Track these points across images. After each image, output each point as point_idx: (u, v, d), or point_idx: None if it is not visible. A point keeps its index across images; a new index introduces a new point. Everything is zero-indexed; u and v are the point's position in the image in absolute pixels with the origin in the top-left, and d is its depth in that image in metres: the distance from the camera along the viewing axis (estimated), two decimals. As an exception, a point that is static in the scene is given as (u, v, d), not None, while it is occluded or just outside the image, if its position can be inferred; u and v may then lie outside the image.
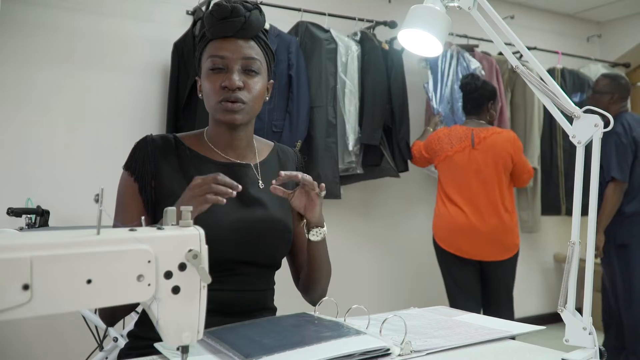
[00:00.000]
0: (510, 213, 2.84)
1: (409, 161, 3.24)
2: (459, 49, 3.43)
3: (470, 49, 3.57)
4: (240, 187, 1.01)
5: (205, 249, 0.75)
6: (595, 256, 3.04)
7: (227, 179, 1.01)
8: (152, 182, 1.15)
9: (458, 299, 2.86)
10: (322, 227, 1.20)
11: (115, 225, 1.12)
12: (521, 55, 3.28)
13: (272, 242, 1.20)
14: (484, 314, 2.90)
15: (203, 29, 1.20)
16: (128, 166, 1.17)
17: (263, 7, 2.97)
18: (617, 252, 3.05)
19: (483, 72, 3.40)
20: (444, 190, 2.88)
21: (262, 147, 1.30)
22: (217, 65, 1.15)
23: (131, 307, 1.13)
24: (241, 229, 1.15)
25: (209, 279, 0.74)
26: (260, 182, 1.23)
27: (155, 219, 1.14)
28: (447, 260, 2.89)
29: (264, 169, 1.25)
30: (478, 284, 2.91)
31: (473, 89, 2.88)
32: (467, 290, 2.88)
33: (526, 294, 3.76)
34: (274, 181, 1.11)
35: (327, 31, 3.07)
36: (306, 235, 1.20)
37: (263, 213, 1.19)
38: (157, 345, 0.95)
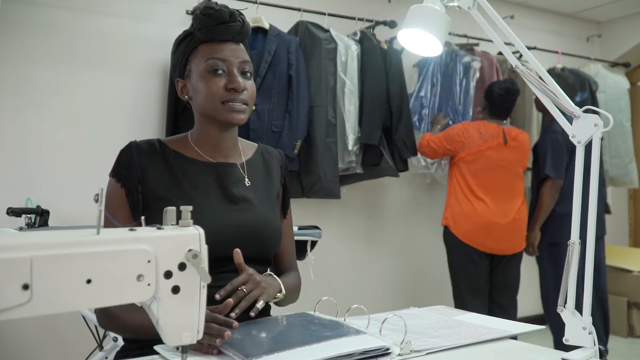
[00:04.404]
0: (525, 205, 3.01)
1: (408, 161, 3.24)
2: (456, 49, 3.43)
3: (470, 49, 3.57)
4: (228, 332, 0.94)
5: (205, 248, 0.75)
6: (530, 253, 3.10)
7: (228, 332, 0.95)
8: (139, 186, 1.16)
9: (466, 299, 2.89)
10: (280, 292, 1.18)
11: (106, 218, 1.13)
12: (521, 55, 3.28)
13: (261, 238, 1.21)
14: (490, 309, 2.93)
15: (185, 31, 1.22)
16: (114, 173, 1.18)
17: (263, 7, 3.00)
18: (549, 250, 3.11)
19: (477, 75, 3.42)
20: (468, 185, 2.91)
21: (247, 148, 1.32)
22: (218, 67, 1.17)
23: (128, 330, 1.12)
24: (230, 227, 1.16)
25: (208, 279, 0.74)
26: (247, 180, 1.25)
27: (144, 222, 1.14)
28: (464, 257, 2.91)
29: (249, 167, 1.28)
30: (488, 283, 2.98)
31: (515, 93, 2.99)
32: (477, 288, 2.92)
33: (526, 293, 3.75)
34: (221, 292, 1.06)
35: (327, 31, 3.07)
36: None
37: (250, 210, 1.21)
38: (157, 347, 0.95)
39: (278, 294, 1.18)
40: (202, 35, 1.17)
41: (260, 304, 1.09)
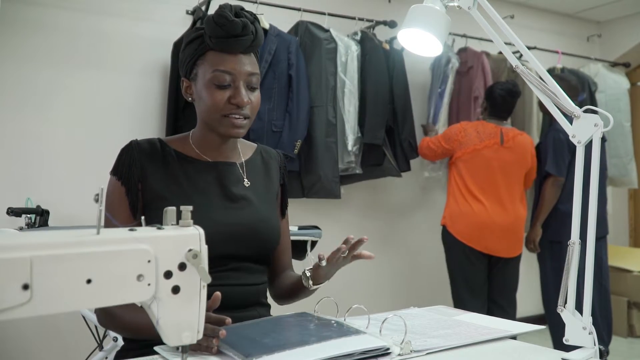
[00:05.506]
0: (524, 209, 3.00)
1: (411, 161, 3.25)
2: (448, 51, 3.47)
3: (464, 50, 3.60)
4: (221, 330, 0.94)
5: (205, 248, 0.75)
6: (532, 250, 3.11)
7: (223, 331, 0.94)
8: (139, 185, 1.16)
9: (465, 298, 2.90)
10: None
11: (106, 219, 1.13)
12: (521, 55, 3.28)
13: (260, 236, 1.22)
14: (489, 309, 2.94)
15: (198, 30, 1.19)
16: (115, 171, 1.18)
17: (263, 7, 2.99)
18: (550, 248, 3.12)
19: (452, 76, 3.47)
20: (465, 184, 2.92)
21: (246, 148, 1.32)
22: (224, 80, 1.15)
23: (128, 330, 1.12)
24: (230, 225, 1.17)
25: (209, 279, 0.74)
26: (246, 180, 1.25)
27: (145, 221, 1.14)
28: (462, 256, 2.92)
29: (248, 167, 1.28)
30: (486, 284, 2.98)
31: (515, 94, 2.99)
32: (476, 288, 2.93)
33: (526, 294, 3.76)
34: (322, 255, 1.15)
35: (327, 31, 3.07)
36: (307, 281, 1.22)
37: (250, 210, 1.22)
38: (157, 348, 0.95)
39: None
40: (212, 43, 1.15)
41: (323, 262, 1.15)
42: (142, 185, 1.16)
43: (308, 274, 1.22)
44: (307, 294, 1.27)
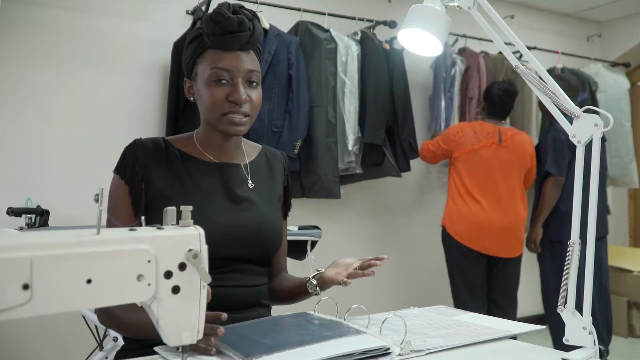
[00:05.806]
0: (525, 209, 2.99)
1: (411, 161, 3.26)
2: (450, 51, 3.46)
3: (463, 50, 3.60)
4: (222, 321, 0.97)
5: (205, 248, 0.75)
6: (533, 250, 3.11)
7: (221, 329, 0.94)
8: (142, 184, 1.16)
9: (464, 298, 2.90)
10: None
11: (107, 220, 1.13)
12: (521, 55, 3.29)
13: (262, 238, 1.22)
14: (489, 309, 2.94)
15: (198, 30, 1.19)
16: (118, 169, 1.18)
17: (263, 7, 2.99)
18: (551, 248, 3.12)
19: (459, 78, 3.48)
20: (463, 184, 2.92)
21: (251, 149, 1.32)
22: (222, 77, 1.15)
23: (129, 329, 1.13)
24: (232, 226, 1.17)
25: (209, 279, 0.74)
26: (250, 181, 1.25)
27: (147, 220, 1.14)
28: (461, 257, 2.92)
29: (253, 168, 1.28)
30: (486, 284, 2.98)
31: (513, 94, 2.99)
32: (476, 288, 2.93)
33: (526, 294, 3.76)
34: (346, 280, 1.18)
35: (327, 31, 3.07)
36: (314, 289, 1.25)
37: (253, 212, 1.21)
38: (157, 348, 0.95)
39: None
40: (210, 41, 1.15)
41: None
42: (146, 184, 1.16)
43: (314, 282, 1.23)
44: (306, 297, 1.28)
